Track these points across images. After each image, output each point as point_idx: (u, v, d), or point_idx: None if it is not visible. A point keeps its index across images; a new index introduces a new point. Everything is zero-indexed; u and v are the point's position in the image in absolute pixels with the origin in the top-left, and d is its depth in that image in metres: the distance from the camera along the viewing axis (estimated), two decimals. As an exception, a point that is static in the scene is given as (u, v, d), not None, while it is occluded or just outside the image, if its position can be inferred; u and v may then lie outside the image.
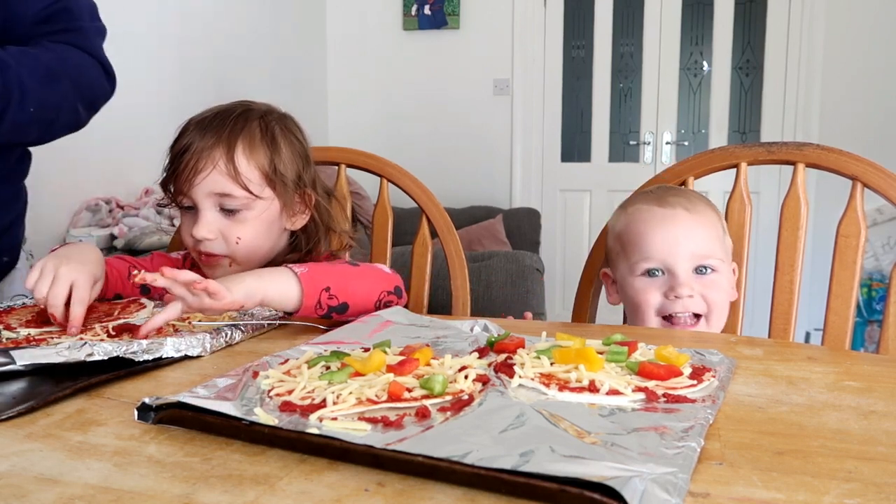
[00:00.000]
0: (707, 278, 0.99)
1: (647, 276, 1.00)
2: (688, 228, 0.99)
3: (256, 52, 3.37)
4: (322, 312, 0.85)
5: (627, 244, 1.03)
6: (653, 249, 0.99)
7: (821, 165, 1.05)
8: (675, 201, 1.01)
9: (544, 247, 3.70)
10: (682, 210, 1.00)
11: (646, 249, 1.00)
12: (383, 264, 0.97)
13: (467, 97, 3.96)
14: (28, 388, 0.60)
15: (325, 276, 0.85)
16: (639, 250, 1.00)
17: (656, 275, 1.00)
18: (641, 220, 1.02)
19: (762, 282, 1.72)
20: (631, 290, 1.02)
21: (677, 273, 0.98)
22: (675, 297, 0.97)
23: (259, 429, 0.47)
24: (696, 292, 0.98)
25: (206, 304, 0.76)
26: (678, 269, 0.98)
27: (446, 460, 0.41)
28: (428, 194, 1.26)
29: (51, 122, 1.03)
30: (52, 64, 1.01)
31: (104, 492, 0.41)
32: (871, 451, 0.46)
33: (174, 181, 0.98)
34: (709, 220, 1.01)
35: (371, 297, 0.89)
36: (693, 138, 3.82)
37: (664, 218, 1.00)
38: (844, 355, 0.71)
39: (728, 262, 1.03)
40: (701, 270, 0.99)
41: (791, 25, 3.59)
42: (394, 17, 4.01)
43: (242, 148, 0.97)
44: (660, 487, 0.38)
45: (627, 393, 0.55)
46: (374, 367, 0.58)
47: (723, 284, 1.00)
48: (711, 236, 1.00)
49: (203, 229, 0.95)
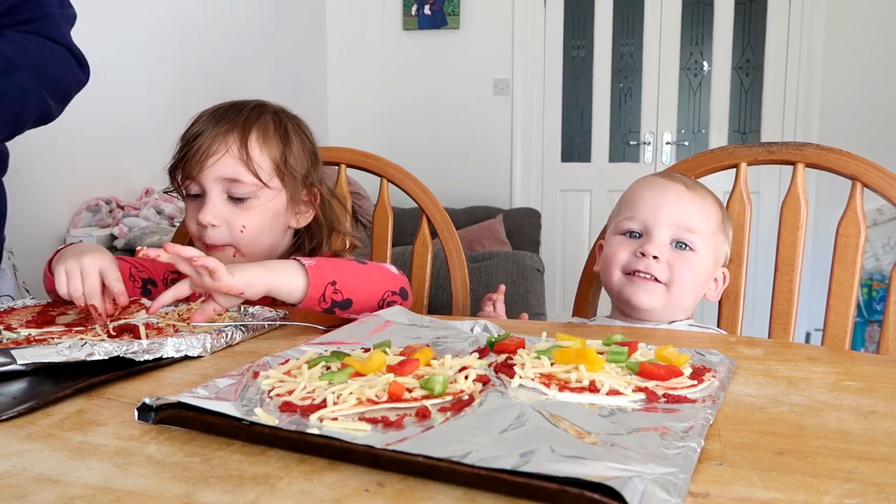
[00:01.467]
0: (682, 253, 0.98)
1: (627, 236, 1.01)
2: (677, 199, 0.99)
3: (257, 51, 3.37)
4: (325, 306, 0.85)
5: (621, 205, 1.05)
6: (638, 210, 1.00)
7: (821, 165, 1.05)
8: (679, 178, 1.03)
9: (544, 247, 3.70)
10: (680, 185, 1.01)
11: (632, 209, 1.01)
12: (391, 265, 0.97)
13: (467, 97, 3.95)
14: (28, 388, 0.60)
15: (332, 270, 0.86)
16: (627, 209, 1.02)
17: (635, 236, 1.00)
18: (641, 185, 1.04)
19: (762, 282, 1.72)
20: (608, 247, 1.03)
21: (653, 234, 0.98)
22: (641, 255, 0.97)
23: (259, 429, 0.47)
24: (665, 259, 0.97)
25: (206, 283, 0.77)
26: (655, 231, 0.98)
27: (446, 460, 0.41)
28: (428, 194, 1.26)
29: (17, 115, 1.01)
30: (10, 55, 0.99)
31: (104, 492, 0.41)
32: (871, 452, 0.46)
33: (184, 166, 0.99)
34: (704, 204, 1.01)
35: (375, 296, 0.90)
36: (693, 138, 3.82)
37: (661, 186, 1.02)
38: (844, 355, 0.71)
39: (714, 256, 1.01)
40: (680, 245, 0.98)
41: (791, 25, 3.59)
42: (394, 17, 4.01)
43: (256, 136, 0.99)
44: (660, 487, 0.38)
45: (628, 393, 0.55)
46: (374, 367, 0.58)
47: (695, 265, 0.98)
48: (700, 216, 0.99)
49: (209, 214, 0.96)
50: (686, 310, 1.01)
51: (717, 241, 1.01)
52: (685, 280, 0.97)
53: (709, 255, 0.99)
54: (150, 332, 0.77)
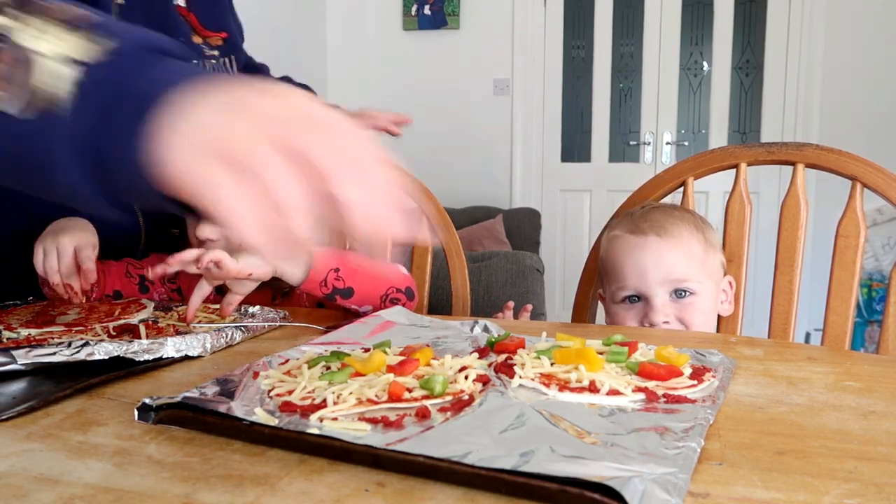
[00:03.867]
0: (685, 301, 0.99)
1: (627, 303, 1.01)
2: (658, 255, 0.99)
3: (256, 51, 3.35)
4: (327, 291, 0.88)
5: (608, 271, 1.05)
6: (626, 278, 1.00)
7: (820, 165, 1.05)
8: (648, 227, 1.00)
9: (544, 247, 3.70)
10: (653, 236, 1.00)
11: (621, 278, 1.01)
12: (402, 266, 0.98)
13: (467, 97, 3.95)
14: (28, 388, 0.60)
15: (338, 258, 0.89)
16: (616, 278, 1.02)
17: (634, 301, 1.01)
18: (616, 248, 1.03)
19: (762, 282, 1.72)
20: (615, 315, 1.04)
21: (651, 300, 0.99)
22: (650, 325, 0.98)
23: (259, 429, 0.47)
24: (672, 316, 0.98)
25: (216, 273, 0.82)
26: (651, 295, 0.99)
27: (446, 460, 0.41)
28: (428, 194, 1.26)
29: None
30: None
31: (104, 492, 0.41)
32: (872, 452, 0.46)
33: None
34: (684, 243, 1.00)
35: (378, 290, 0.91)
36: (693, 138, 3.82)
37: (635, 246, 1.00)
38: (844, 355, 0.71)
39: (714, 280, 1.02)
40: (680, 294, 0.99)
41: (791, 25, 3.59)
42: (394, 17, 4.01)
43: None
44: (660, 487, 0.38)
45: (627, 393, 0.55)
46: (374, 367, 0.58)
47: (702, 307, 0.99)
48: (687, 259, 0.99)
49: (207, 229, 0.96)
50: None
51: (709, 265, 1.01)
52: (698, 323, 0.99)
53: (710, 287, 1.01)
54: (149, 331, 0.77)
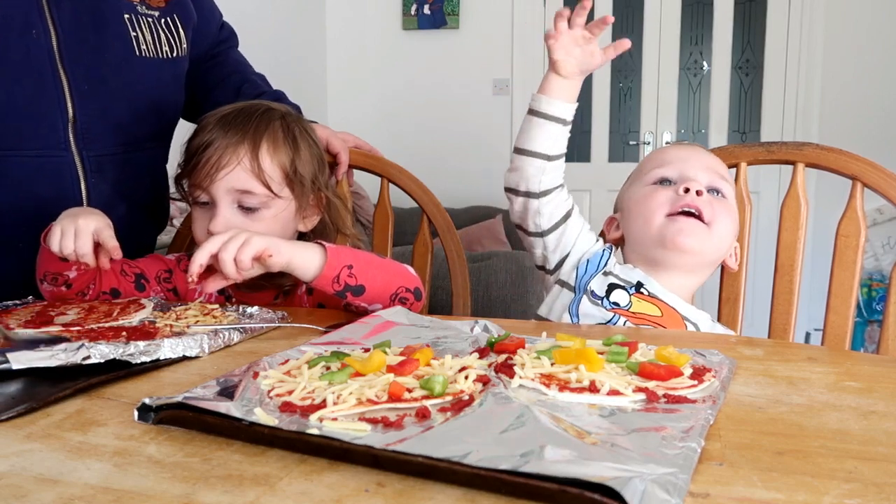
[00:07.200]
0: (718, 199, 0.98)
1: (659, 185, 0.99)
2: (704, 155, 1.03)
3: (255, 51, 3.34)
4: (338, 288, 0.88)
5: (643, 167, 1.04)
6: (669, 163, 1.01)
7: (820, 165, 1.05)
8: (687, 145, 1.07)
9: (544, 247, 3.69)
10: (700, 147, 1.06)
11: (661, 162, 1.01)
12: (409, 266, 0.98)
13: (467, 97, 3.95)
14: (27, 388, 0.60)
15: (350, 255, 0.90)
16: (656, 162, 1.02)
17: (668, 184, 0.99)
18: (662, 149, 1.07)
19: (762, 282, 1.72)
20: (639, 197, 1.00)
21: (690, 178, 0.97)
22: (685, 191, 0.95)
23: (259, 429, 0.47)
24: (707, 205, 0.96)
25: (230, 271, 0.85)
26: (692, 174, 0.98)
27: (446, 461, 0.41)
28: (428, 194, 1.26)
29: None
30: None
31: (104, 492, 0.41)
32: (872, 452, 0.46)
33: (192, 176, 0.99)
34: (724, 166, 1.05)
35: (389, 289, 0.91)
36: (693, 138, 3.82)
37: (682, 147, 1.06)
38: (844, 355, 0.71)
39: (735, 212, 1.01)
40: (712, 192, 0.98)
41: (791, 25, 3.59)
42: (393, 17, 4.01)
43: (267, 146, 0.99)
44: (660, 488, 0.38)
45: (628, 393, 0.55)
46: (374, 367, 0.58)
47: (731, 212, 0.99)
48: (725, 170, 1.03)
49: (220, 225, 0.96)
50: (715, 262, 1.01)
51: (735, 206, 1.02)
52: (723, 223, 0.97)
53: (735, 212, 1.01)
54: (164, 329, 0.77)
